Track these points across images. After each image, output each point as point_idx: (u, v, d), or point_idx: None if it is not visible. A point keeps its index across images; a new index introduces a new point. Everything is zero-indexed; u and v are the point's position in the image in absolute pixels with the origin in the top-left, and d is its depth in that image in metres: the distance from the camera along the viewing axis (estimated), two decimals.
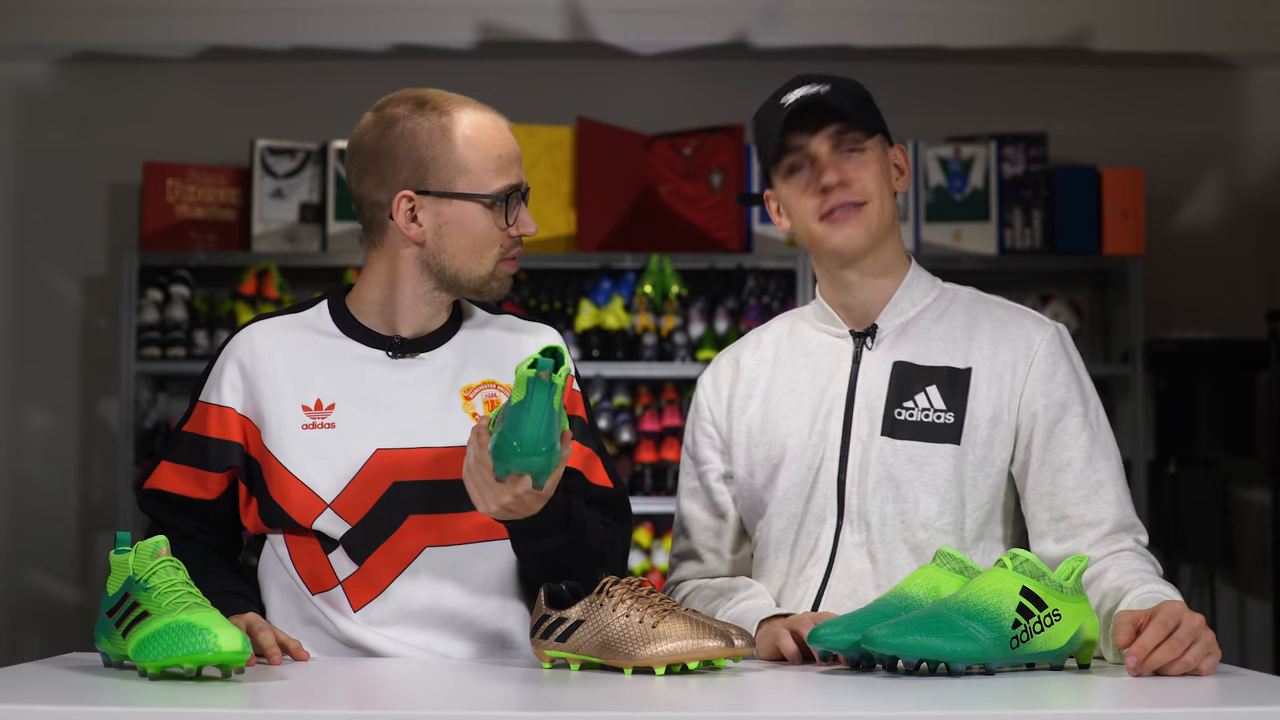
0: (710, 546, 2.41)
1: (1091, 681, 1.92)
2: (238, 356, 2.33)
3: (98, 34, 5.28)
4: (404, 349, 2.33)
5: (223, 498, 2.34)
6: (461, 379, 2.33)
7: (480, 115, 2.31)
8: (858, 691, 1.85)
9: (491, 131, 2.30)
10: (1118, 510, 2.25)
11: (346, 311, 2.36)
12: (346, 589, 2.26)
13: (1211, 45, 5.37)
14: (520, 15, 5.31)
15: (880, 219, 2.29)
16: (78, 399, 5.44)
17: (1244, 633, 5.41)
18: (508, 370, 2.33)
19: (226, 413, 2.31)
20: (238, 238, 5.23)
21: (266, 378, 2.30)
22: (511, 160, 2.31)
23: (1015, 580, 1.95)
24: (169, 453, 2.36)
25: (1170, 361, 5.21)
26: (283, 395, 2.29)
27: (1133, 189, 5.20)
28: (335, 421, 2.28)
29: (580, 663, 2.02)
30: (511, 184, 2.30)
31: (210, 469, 2.32)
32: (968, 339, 2.30)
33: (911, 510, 2.24)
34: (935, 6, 5.33)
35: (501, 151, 2.29)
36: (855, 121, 2.28)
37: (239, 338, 2.35)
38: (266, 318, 2.38)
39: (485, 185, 2.28)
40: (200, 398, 2.35)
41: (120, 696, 1.80)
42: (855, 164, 2.28)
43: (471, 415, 2.30)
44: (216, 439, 2.31)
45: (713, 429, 2.42)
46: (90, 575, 5.35)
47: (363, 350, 2.33)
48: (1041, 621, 1.94)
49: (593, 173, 5.14)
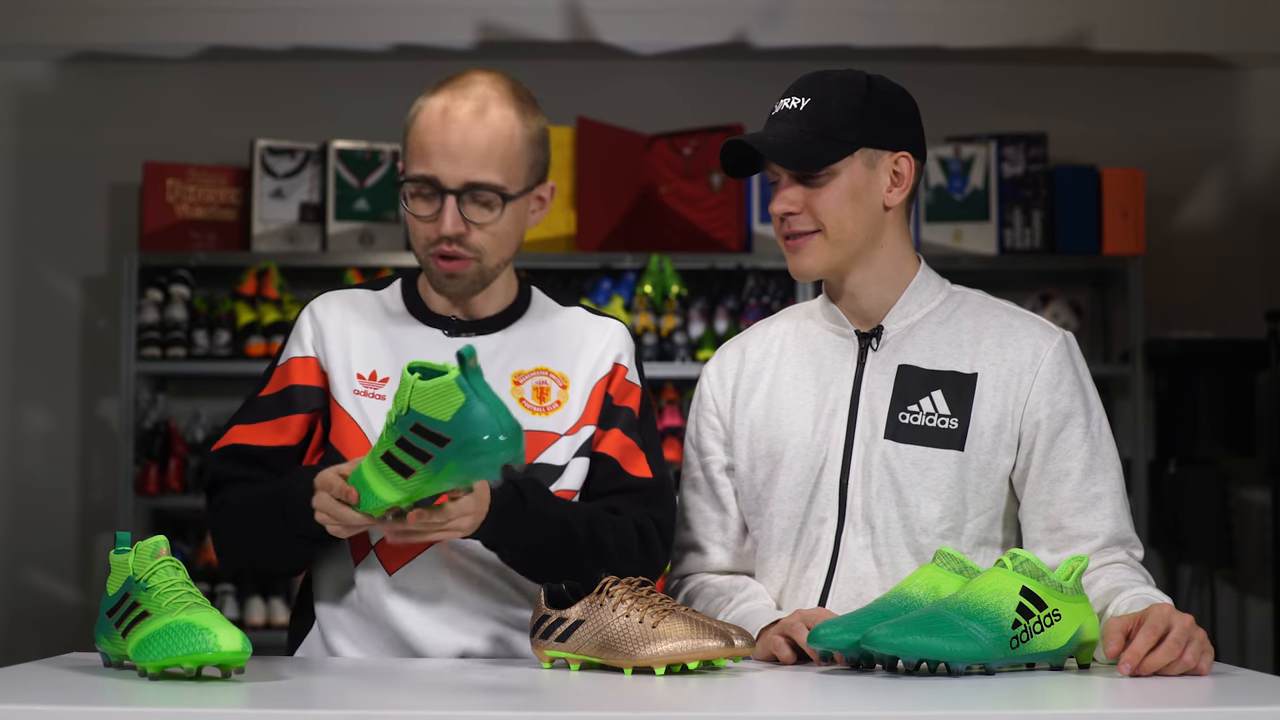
0: (713, 539, 2.40)
1: (1091, 681, 1.92)
2: (315, 314, 2.38)
3: (98, 34, 5.28)
4: (459, 329, 2.35)
5: (300, 446, 2.35)
6: (514, 364, 2.34)
7: (445, 102, 2.26)
8: (857, 691, 1.85)
9: (435, 119, 2.25)
10: (1113, 524, 2.24)
11: (415, 292, 2.40)
12: (379, 552, 2.28)
13: (1211, 45, 5.37)
14: (520, 15, 5.31)
15: (839, 244, 2.25)
16: (78, 399, 5.44)
17: (1244, 633, 5.41)
18: (562, 360, 2.35)
19: (309, 361, 2.35)
20: (238, 238, 5.24)
21: (334, 337, 2.35)
22: (437, 151, 2.24)
23: (1015, 580, 1.94)
24: (243, 417, 2.37)
25: (1170, 361, 5.21)
26: (342, 357, 2.33)
27: (1133, 189, 5.20)
28: (385, 394, 2.30)
29: (580, 663, 2.02)
30: (419, 174, 2.25)
31: (295, 411, 2.34)
32: (974, 344, 2.28)
33: (913, 514, 2.23)
34: (935, 6, 5.33)
35: (428, 140, 2.24)
36: (800, 161, 2.23)
37: (315, 301, 2.40)
38: (344, 288, 2.44)
39: (405, 169, 2.29)
40: (280, 362, 2.38)
41: (120, 696, 1.80)
42: (811, 190, 2.24)
43: (519, 400, 2.31)
44: (301, 385, 2.34)
45: (716, 419, 2.41)
46: (90, 575, 5.35)
47: (422, 329, 2.36)
48: (1041, 621, 1.94)
49: (593, 173, 5.14)
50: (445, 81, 2.30)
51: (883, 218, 2.28)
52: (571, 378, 2.36)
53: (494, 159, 2.25)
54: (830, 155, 2.23)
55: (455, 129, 2.24)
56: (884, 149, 2.27)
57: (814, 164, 2.23)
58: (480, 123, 2.25)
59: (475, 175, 2.24)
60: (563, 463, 2.31)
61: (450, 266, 2.28)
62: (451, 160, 2.24)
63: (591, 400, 2.35)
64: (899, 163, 2.28)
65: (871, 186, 2.26)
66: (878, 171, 2.27)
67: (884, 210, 2.28)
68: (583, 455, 2.34)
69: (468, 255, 2.27)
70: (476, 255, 2.28)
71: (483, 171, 2.25)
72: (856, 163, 2.25)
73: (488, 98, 2.27)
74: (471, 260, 2.28)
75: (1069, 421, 2.25)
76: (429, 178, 2.25)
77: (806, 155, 2.23)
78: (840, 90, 2.25)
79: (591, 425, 2.35)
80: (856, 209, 2.25)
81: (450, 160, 2.24)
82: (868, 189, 2.26)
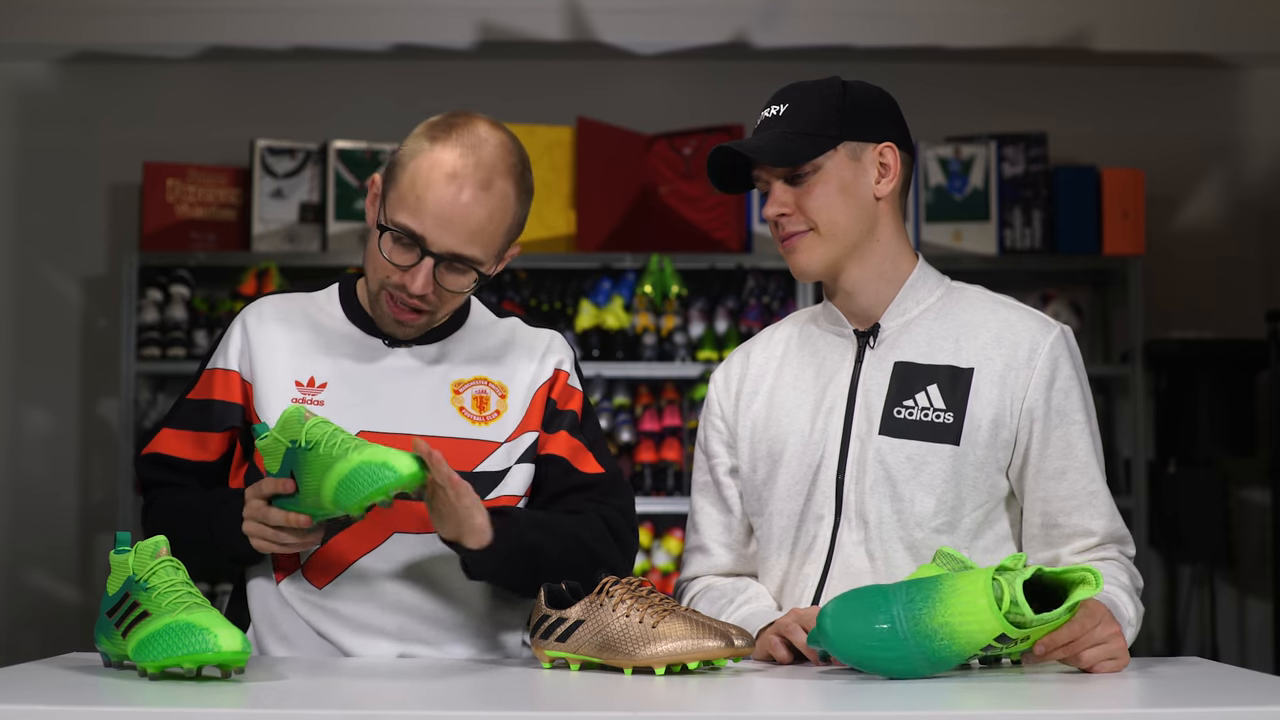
0: (720, 541, 2.42)
1: (1090, 681, 1.92)
2: (245, 323, 2.38)
3: (98, 34, 5.28)
4: (399, 339, 2.36)
5: (221, 461, 2.38)
6: (454, 374, 2.36)
7: (451, 160, 2.20)
8: (856, 691, 1.85)
9: (437, 178, 2.20)
10: (1109, 522, 2.26)
11: (354, 298, 2.40)
12: (307, 571, 2.29)
13: (1211, 45, 5.37)
14: (520, 15, 5.31)
15: (834, 240, 2.27)
16: (78, 399, 5.44)
17: (1244, 633, 5.41)
18: (500, 369, 2.37)
19: (231, 375, 2.36)
20: (238, 238, 5.24)
21: (266, 347, 2.35)
22: (432, 213, 2.19)
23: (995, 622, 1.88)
24: (171, 419, 2.40)
25: (1170, 361, 5.21)
26: (278, 366, 2.34)
27: (1133, 189, 5.20)
28: (325, 400, 2.31)
29: (580, 663, 2.03)
30: (408, 227, 2.20)
31: (212, 429, 2.36)
32: (972, 338, 2.29)
33: (908, 509, 2.24)
34: (935, 6, 5.33)
35: (427, 197, 2.19)
36: (784, 158, 2.24)
37: (250, 307, 2.41)
38: (279, 293, 2.43)
39: (392, 210, 2.23)
40: (208, 365, 2.40)
41: (120, 696, 1.80)
42: (801, 190, 2.26)
43: (459, 409, 2.33)
44: (220, 400, 2.36)
45: (721, 423, 2.43)
46: (90, 575, 5.35)
47: (361, 336, 2.36)
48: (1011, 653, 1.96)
49: (593, 173, 5.14)
50: (450, 129, 2.23)
51: (875, 210, 2.30)
52: (510, 387, 2.37)
53: (484, 237, 2.23)
54: (813, 150, 2.25)
55: (456, 199, 2.20)
56: (867, 141, 2.29)
57: (797, 159, 2.25)
58: (482, 198, 2.21)
59: (462, 249, 2.22)
60: (502, 468, 2.33)
61: (405, 317, 2.29)
62: (444, 227, 2.21)
63: (533, 405, 2.37)
64: (884, 153, 2.30)
65: (860, 179, 2.28)
66: (864, 164, 2.29)
67: (875, 202, 2.30)
68: (525, 461, 2.36)
69: (425, 310, 2.28)
70: (432, 310, 2.29)
71: (470, 246, 2.23)
72: (840, 156, 2.27)
73: (494, 168, 2.22)
74: (427, 314, 2.29)
75: (1065, 418, 2.25)
76: (417, 235, 2.21)
77: (789, 152, 2.25)
78: (818, 92, 2.29)
79: (534, 431, 2.37)
80: (847, 203, 2.27)
81: (443, 227, 2.21)
82: (856, 182, 2.28)
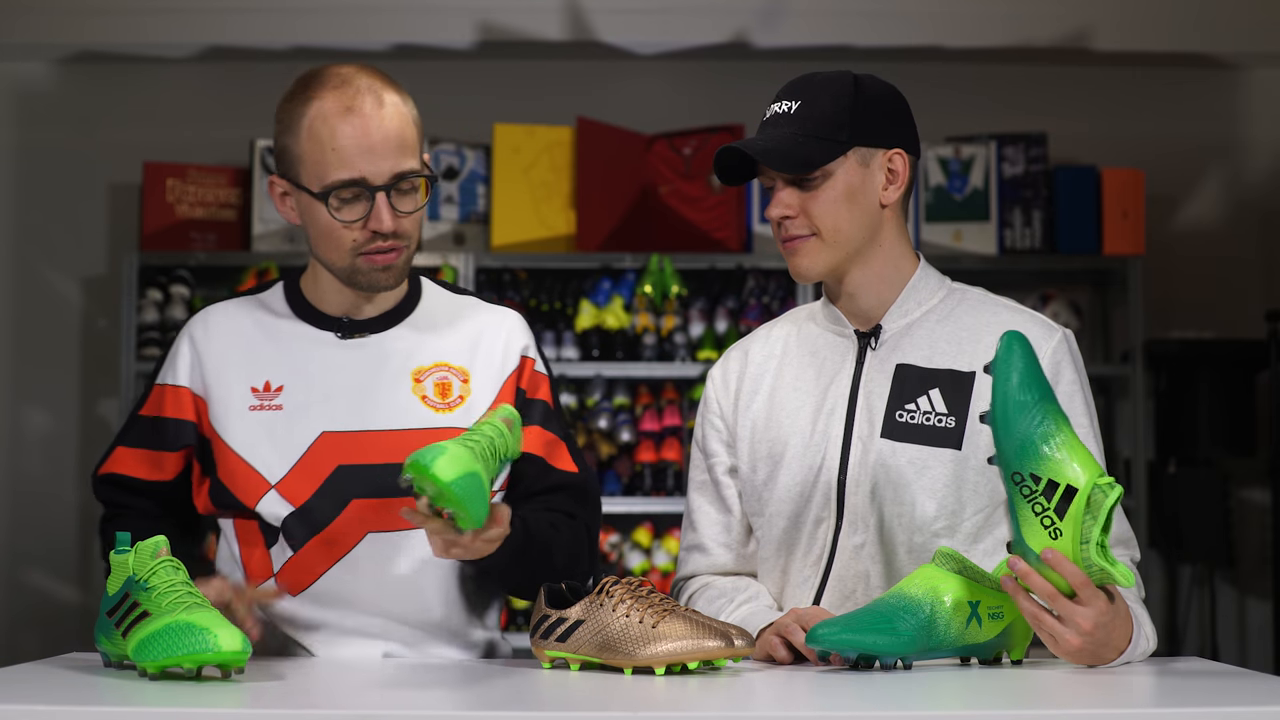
0: (718, 540, 2.40)
1: (1088, 681, 1.92)
2: (192, 336, 2.35)
3: (98, 34, 5.29)
4: (353, 330, 2.33)
5: (178, 479, 2.35)
6: (413, 361, 2.32)
7: (335, 103, 2.19)
8: (856, 691, 1.85)
9: (335, 122, 2.18)
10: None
11: (299, 293, 2.37)
12: (280, 580, 2.26)
13: (1211, 45, 5.37)
14: (520, 15, 5.32)
15: (837, 246, 2.25)
16: (78, 399, 5.44)
17: (1244, 633, 5.41)
18: (460, 354, 2.33)
19: (181, 392, 2.32)
20: (238, 238, 5.24)
21: (217, 358, 2.32)
22: (356, 151, 2.18)
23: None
24: (125, 437, 2.37)
25: (1170, 361, 5.21)
26: (232, 376, 2.30)
27: (1133, 189, 5.20)
28: (283, 404, 2.28)
29: (580, 663, 2.02)
30: (346, 178, 2.19)
31: (167, 449, 2.33)
32: (974, 342, 2.28)
33: (909, 513, 2.23)
34: (935, 6, 5.33)
35: (340, 144, 2.18)
36: (793, 163, 2.22)
37: (194, 319, 2.38)
38: (224, 300, 2.41)
39: (319, 178, 2.21)
40: (157, 381, 2.36)
41: (120, 696, 1.80)
42: (807, 194, 2.24)
43: (421, 398, 2.29)
44: (173, 419, 2.32)
45: (720, 422, 2.41)
46: (90, 575, 5.35)
47: (313, 332, 2.33)
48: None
49: (593, 173, 5.15)
50: (310, 84, 2.23)
51: (880, 216, 2.28)
52: (472, 371, 2.33)
53: (407, 144, 2.22)
54: (823, 156, 2.23)
55: (367, 126, 2.19)
56: (877, 147, 2.26)
57: (807, 166, 2.22)
58: (383, 113, 2.20)
59: (399, 165, 2.21)
60: None
61: (386, 259, 2.25)
62: (373, 155, 2.19)
63: (502, 395, 2.33)
64: (893, 160, 2.27)
65: (867, 186, 2.26)
66: (872, 170, 2.26)
67: (880, 209, 2.28)
68: None
69: (400, 245, 2.25)
70: (406, 241, 2.26)
71: (403, 159, 2.21)
72: (850, 162, 2.24)
73: (373, 88, 2.21)
74: (404, 248, 2.26)
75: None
76: (355, 180, 2.20)
77: (799, 158, 2.22)
78: (829, 91, 2.25)
79: None
80: (853, 209, 2.25)
81: (372, 155, 2.19)
82: (863, 188, 2.25)
